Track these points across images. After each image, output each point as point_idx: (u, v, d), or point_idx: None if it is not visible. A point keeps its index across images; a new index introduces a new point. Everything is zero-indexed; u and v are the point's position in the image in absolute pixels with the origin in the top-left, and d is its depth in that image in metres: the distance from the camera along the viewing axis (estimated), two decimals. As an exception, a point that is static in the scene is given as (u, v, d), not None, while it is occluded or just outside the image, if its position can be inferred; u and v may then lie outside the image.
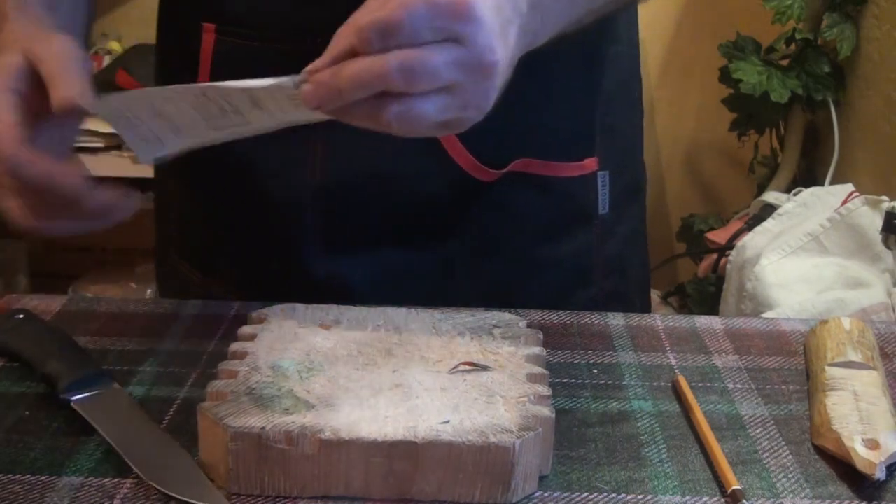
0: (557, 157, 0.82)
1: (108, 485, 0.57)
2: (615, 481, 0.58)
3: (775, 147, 2.17)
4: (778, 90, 1.95)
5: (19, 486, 0.57)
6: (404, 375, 0.60)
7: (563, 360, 0.72)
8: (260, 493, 0.56)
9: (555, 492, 0.57)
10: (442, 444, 0.54)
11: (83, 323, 0.77)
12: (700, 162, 2.43)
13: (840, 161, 1.99)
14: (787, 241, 1.59)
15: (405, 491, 0.55)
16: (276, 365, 0.61)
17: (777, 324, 0.80)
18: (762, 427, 0.64)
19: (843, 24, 1.95)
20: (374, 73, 0.53)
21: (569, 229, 0.85)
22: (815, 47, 2.00)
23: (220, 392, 0.58)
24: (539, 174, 0.82)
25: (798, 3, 1.93)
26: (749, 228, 1.77)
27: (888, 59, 1.87)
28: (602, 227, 0.87)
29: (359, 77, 0.53)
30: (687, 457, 0.61)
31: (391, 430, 0.54)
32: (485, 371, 0.61)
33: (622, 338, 0.76)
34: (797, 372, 0.72)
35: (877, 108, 1.89)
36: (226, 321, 0.77)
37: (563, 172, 0.83)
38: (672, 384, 0.69)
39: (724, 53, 2.04)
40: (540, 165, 0.82)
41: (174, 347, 0.73)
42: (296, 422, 0.55)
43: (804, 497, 0.57)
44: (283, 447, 0.54)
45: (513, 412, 0.57)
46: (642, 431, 0.64)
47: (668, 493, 0.57)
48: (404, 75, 0.53)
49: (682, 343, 0.76)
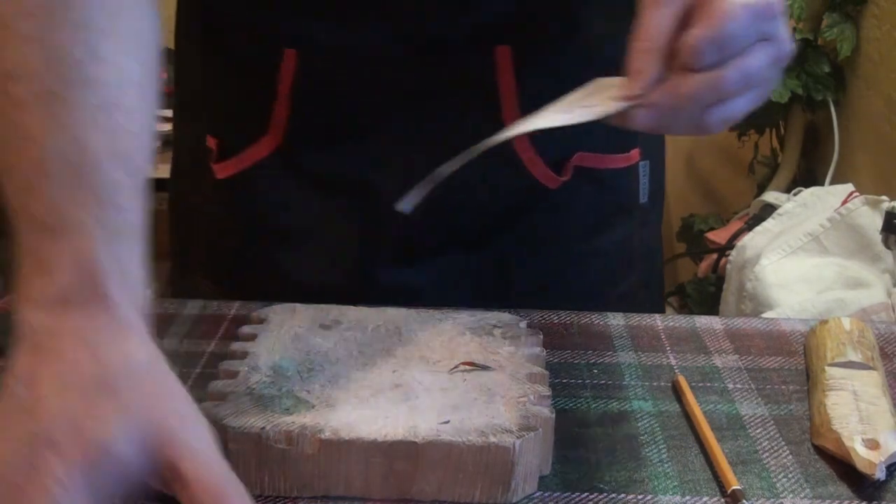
0: (609, 150, 0.84)
1: (108, 485, 0.57)
2: (615, 481, 0.58)
3: (775, 147, 2.17)
4: (778, 90, 1.95)
5: (19, 486, 0.56)
6: (404, 375, 0.60)
7: (563, 360, 0.72)
8: (260, 493, 0.55)
9: (555, 492, 0.57)
10: (442, 444, 0.54)
11: (83, 323, 0.77)
12: (700, 162, 2.43)
13: (840, 161, 1.99)
14: (787, 241, 1.59)
15: (405, 491, 0.55)
16: (276, 365, 0.61)
17: (777, 324, 0.80)
18: (762, 427, 0.64)
19: (843, 24, 1.95)
20: (715, 87, 0.55)
21: (614, 219, 0.87)
22: (815, 47, 2.00)
23: (220, 392, 0.58)
24: (593, 167, 0.83)
25: (798, 3, 1.93)
26: (749, 228, 1.77)
27: (888, 59, 1.87)
28: (641, 217, 0.89)
29: (698, 93, 0.55)
30: (687, 457, 0.61)
31: (391, 430, 0.54)
32: (485, 371, 0.61)
33: (622, 338, 0.76)
34: (797, 372, 0.72)
35: (877, 108, 1.90)
36: (226, 321, 0.77)
37: (614, 164, 0.85)
38: (672, 384, 0.69)
39: (724, 53, 2.04)
40: (594, 159, 0.83)
41: (174, 347, 0.73)
42: (296, 422, 0.55)
43: (804, 497, 0.57)
44: (283, 447, 0.54)
45: (513, 412, 0.57)
46: (642, 431, 0.64)
47: (668, 493, 0.57)
48: (743, 84, 0.55)
49: (682, 343, 0.76)
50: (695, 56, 0.54)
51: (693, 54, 0.54)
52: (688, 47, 0.54)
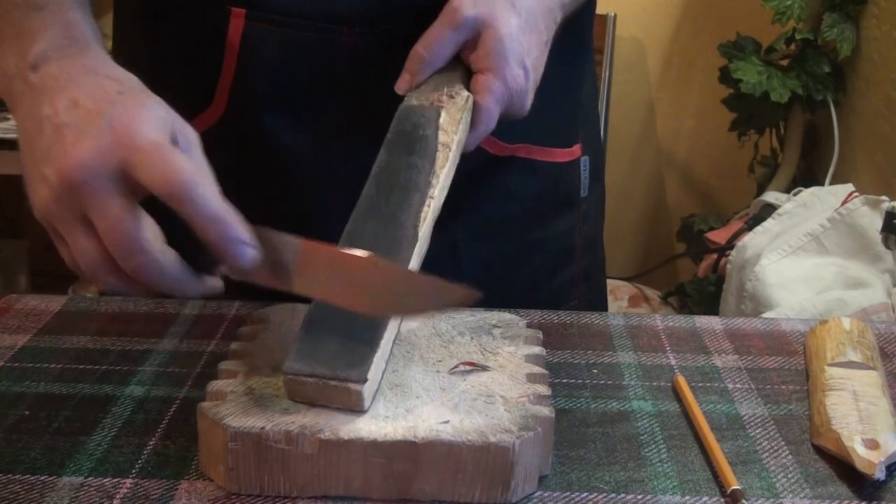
0: (553, 144, 0.88)
1: (107, 485, 0.57)
2: (615, 481, 0.58)
3: (775, 147, 2.17)
4: (778, 90, 1.95)
5: (19, 486, 0.57)
6: (404, 375, 0.60)
7: (563, 360, 0.72)
8: (260, 493, 0.56)
9: (555, 492, 0.57)
10: (442, 445, 0.54)
11: (83, 323, 0.77)
12: (700, 162, 2.43)
13: (840, 161, 1.99)
14: (787, 241, 1.59)
15: (405, 491, 0.55)
16: (276, 365, 0.61)
17: (777, 324, 0.80)
18: (762, 427, 0.64)
19: (843, 24, 1.95)
20: None
21: (557, 211, 0.91)
22: (815, 47, 2.00)
23: (220, 392, 0.58)
24: (537, 159, 0.87)
25: (798, 3, 1.93)
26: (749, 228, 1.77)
27: (888, 59, 1.87)
28: (582, 209, 0.93)
29: None
30: (687, 457, 0.61)
31: (391, 430, 0.54)
32: (485, 371, 0.61)
33: (622, 338, 0.76)
34: (797, 372, 0.72)
35: (877, 108, 1.90)
36: (226, 321, 0.77)
37: (557, 158, 0.89)
38: (672, 384, 0.69)
39: (724, 53, 2.04)
40: (539, 151, 0.87)
41: (174, 347, 0.73)
42: (295, 422, 0.55)
43: (804, 497, 0.57)
44: (283, 447, 0.54)
45: (513, 412, 0.57)
46: (642, 431, 0.64)
47: (668, 493, 0.57)
48: None
49: (682, 343, 0.76)
50: (490, 121, 0.69)
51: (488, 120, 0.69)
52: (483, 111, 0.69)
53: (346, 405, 0.56)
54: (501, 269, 0.88)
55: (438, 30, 0.70)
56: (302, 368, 0.56)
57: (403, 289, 0.56)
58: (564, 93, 0.89)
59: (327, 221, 0.69)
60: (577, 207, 0.93)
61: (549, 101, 0.85)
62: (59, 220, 0.55)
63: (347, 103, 0.78)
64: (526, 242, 0.90)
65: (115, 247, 0.54)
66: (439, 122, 0.67)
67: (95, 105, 0.56)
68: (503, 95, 0.70)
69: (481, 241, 0.87)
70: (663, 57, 2.35)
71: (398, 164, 0.65)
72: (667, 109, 2.39)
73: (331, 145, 0.80)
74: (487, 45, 0.69)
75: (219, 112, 0.80)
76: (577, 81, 0.92)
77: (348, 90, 0.78)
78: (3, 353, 0.72)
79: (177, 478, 0.58)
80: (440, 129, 0.67)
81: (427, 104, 0.69)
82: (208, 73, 0.79)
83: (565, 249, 0.93)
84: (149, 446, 0.61)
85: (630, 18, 2.20)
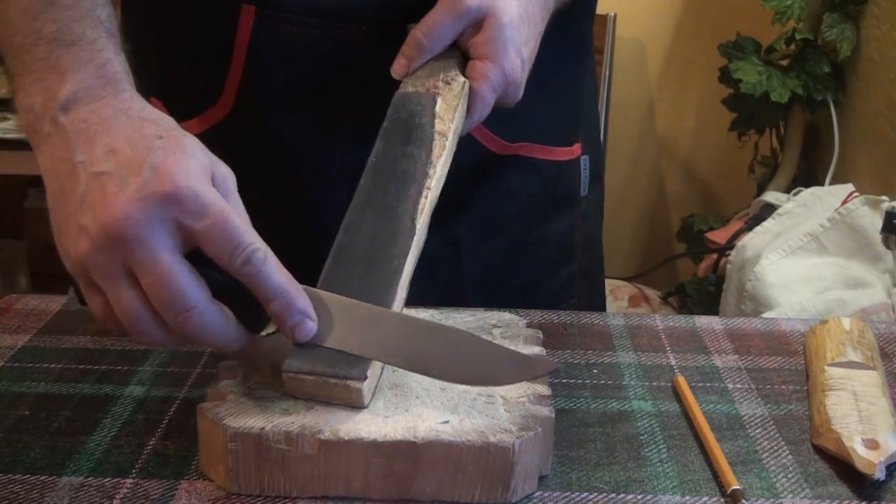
0: (553, 143, 0.89)
1: (107, 485, 0.57)
2: (615, 481, 0.58)
3: (775, 147, 2.17)
4: (778, 90, 1.95)
5: (19, 486, 0.57)
6: (404, 375, 0.60)
7: (563, 360, 0.72)
8: (259, 493, 0.56)
9: (555, 492, 0.57)
10: (441, 445, 0.54)
11: (83, 323, 0.77)
12: (700, 162, 2.43)
13: (840, 161, 1.99)
14: (787, 241, 1.59)
15: (405, 491, 0.55)
16: (276, 365, 0.61)
17: (777, 324, 0.80)
18: (762, 427, 0.64)
19: (843, 24, 1.95)
20: None
21: (557, 210, 0.91)
22: (815, 47, 2.00)
23: (220, 392, 0.58)
24: (538, 158, 0.88)
25: (798, 3, 1.93)
26: (749, 228, 1.77)
27: (888, 59, 1.87)
28: (582, 208, 0.94)
29: None
30: (687, 457, 0.61)
31: (391, 430, 0.54)
32: (484, 371, 0.61)
33: (622, 338, 0.76)
34: (797, 372, 0.72)
35: (877, 108, 1.89)
36: (226, 321, 0.77)
37: (558, 157, 0.89)
38: (672, 384, 0.69)
39: (724, 53, 2.04)
40: (540, 150, 0.87)
41: (174, 347, 0.73)
42: (295, 422, 0.55)
43: (804, 497, 0.57)
44: (283, 447, 0.54)
45: (512, 412, 0.57)
46: (642, 431, 0.64)
47: (668, 493, 0.57)
48: None
49: (682, 343, 0.76)
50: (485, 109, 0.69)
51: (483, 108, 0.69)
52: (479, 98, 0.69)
53: (347, 402, 0.56)
54: (502, 267, 0.89)
55: (440, 16, 0.69)
56: (302, 366, 0.56)
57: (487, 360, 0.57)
58: (565, 92, 0.89)
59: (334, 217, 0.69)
60: (577, 206, 0.93)
61: (549, 100, 0.85)
62: (99, 273, 0.53)
63: (355, 100, 0.78)
64: (526, 241, 0.90)
65: (161, 301, 0.52)
66: (435, 110, 0.67)
67: (135, 152, 0.54)
68: (500, 84, 0.69)
69: (482, 240, 0.87)
70: (663, 57, 2.35)
71: (395, 154, 0.65)
72: (667, 109, 2.39)
73: (338, 141, 0.80)
74: (488, 33, 0.69)
75: (227, 108, 0.80)
76: (578, 81, 0.92)
77: (356, 87, 0.78)
78: (3, 353, 0.72)
79: (177, 478, 0.58)
80: (436, 117, 0.67)
81: (423, 91, 0.69)
82: (217, 69, 0.79)
83: (565, 248, 0.93)
84: (149, 446, 0.61)
85: (630, 18, 2.20)
